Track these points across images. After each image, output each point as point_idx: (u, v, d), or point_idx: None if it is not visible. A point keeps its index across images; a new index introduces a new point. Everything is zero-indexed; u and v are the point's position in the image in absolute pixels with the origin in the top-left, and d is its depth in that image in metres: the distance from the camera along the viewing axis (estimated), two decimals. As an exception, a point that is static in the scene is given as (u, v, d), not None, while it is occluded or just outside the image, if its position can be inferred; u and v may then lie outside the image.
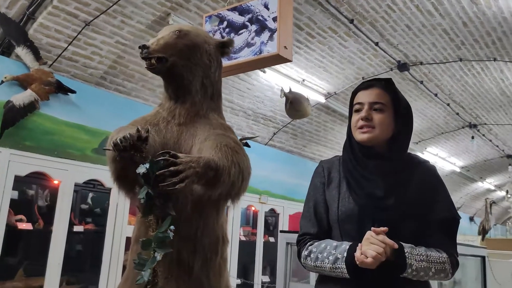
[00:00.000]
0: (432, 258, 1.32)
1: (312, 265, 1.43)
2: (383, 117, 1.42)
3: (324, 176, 1.54)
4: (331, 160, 1.61)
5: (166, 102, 1.96)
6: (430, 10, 4.13)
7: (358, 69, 5.48)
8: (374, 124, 1.41)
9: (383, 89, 1.46)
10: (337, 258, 1.34)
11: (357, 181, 1.43)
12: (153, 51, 1.83)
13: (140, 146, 1.58)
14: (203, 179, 1.61)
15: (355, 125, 1.45)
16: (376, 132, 1.41)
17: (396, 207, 1.35)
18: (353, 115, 1.48)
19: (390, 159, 1.43)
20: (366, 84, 1.50)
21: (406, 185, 1.40)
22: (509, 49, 4.66)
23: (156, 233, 1.61)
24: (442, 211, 1.39)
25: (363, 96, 1.47)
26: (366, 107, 1.43)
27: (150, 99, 4.78)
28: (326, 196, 1.50)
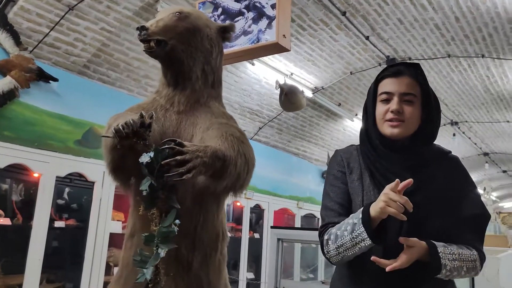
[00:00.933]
0: (464, 256, 1.26)
1: (334, 248, 1.32)
2: (413, 110, 1.34)
3: (344, 166, 1.45)
4: (348, 150, 1.52)
5: (164, 89, 1.85)
6: (424, 3, 4.08)
7: (347, 63, 5.42)
8: (405, 117, 1.33)
9: (413, 77, 1.36)
10: (354, 224, 1.26)
11: (382, 175, 1.35)
12: (152, 33, 1.71)
13: (144, 133, 1.47)
14: (210, 170, 1.51)
15: (382, 117, 1.36)
16: (406, 126, 1.34)
17: (424, 204, 1.28)
18: (379, 104, 1.39)
19: (415, 152, 1.36)
20: (395, 69, 1.38)
21: (433, 180, 1.34)
22: (498, 46, 4.67)
23: (160, 227, 1.50)
24: (472, 207, 1.34)
25: (392, 85, 1.36)
26: (397, 98, 1.34)
27: (135, 90, 4.61)
28: (349, 188, 1.41)
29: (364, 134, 1.47)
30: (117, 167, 1.64)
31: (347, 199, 1.41)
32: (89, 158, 3.98)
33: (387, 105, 1.35)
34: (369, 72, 5.70)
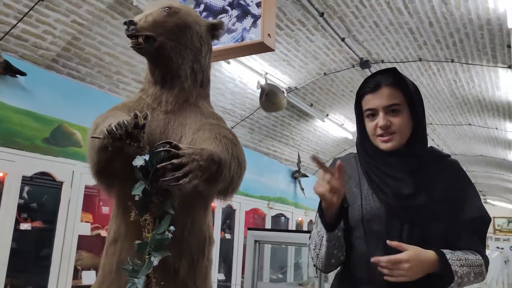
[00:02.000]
0: (470, 261, 1.25)
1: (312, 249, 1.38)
2: (401, 119, 1.32)
3: None
4: (347, 157, 1.52)
5: (150, 87, 1.78)
6: (400, 8, 4.14)
7: (321, 64, 5.44)
8: (395, 129, 1.31)
9: (392, 86, 1.32)
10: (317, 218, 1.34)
11: (381, 179, 1.33)
12: (141, 28, 1.63)
13: (138, 135, 1.39)
14: (205, 174, 1.45)
15: (373, 133, 1.35)
16: (398, 137, 1.32)
17: (426, 207, 1.28)
18: (366, 120, 1.37)
19: (414, 155, 1.35)
20: (373, 84, 1.34)
21: (433, 182, 1.32)
22: (468, 51, 4.80)
23: (153, 234, 1.43)
24: (473, 210, 1.33)
25: (373, 100, 1.33)
26: (382, 113, 1.31)
27: (106, 86, 4.44)
28: (346, 194, 1.37)
29: (358, 144, 1.46)
30: (103, 169, 1.56)
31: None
32: (58, 157, 3.80)
33: (375, 120, 1.34)
34: (342, 74, 5.75)
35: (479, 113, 7.01)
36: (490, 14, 3.87)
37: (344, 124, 7.51)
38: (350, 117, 7.34)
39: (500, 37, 4.23)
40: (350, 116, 7.32)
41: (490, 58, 4.82)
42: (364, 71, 5.66)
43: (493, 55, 4.73)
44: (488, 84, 5.61)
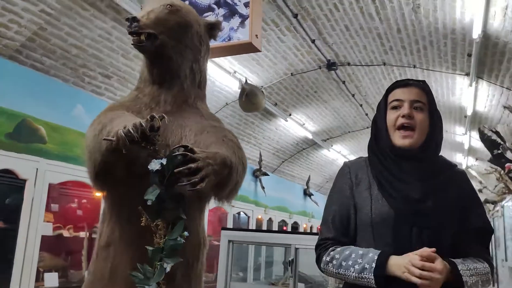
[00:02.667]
0: (479, 270, 1.29)
1: (335, 272, 1.35)
2: (423, 117, 1.38)
3: (351, 178, 1.46)
4: (357, 161, 1.53)
5: (147, 86, 1.73)
6: (372, 13, 4.25)
7: (290, 65, 5.49)
8: (415, 123, 1.36)
9: (421, 88, 1.41)
10: (364, 268, 1.28)
11: (391, 183, 1.36)
12: (144, 25, 1.59)
13: (153, 138, 1.34)
14: (218, 178, 1.43)
15: (394, 124, 1.39)
16: (416, 136, 1.37)
17: (435, 212, 1.31)
18: (390, 112, 1.42)
19: (425, 161, 1.38)
20: (404, 82, 1.44)
21: (443, 189, 1.35)
22: (430, 58, 5.01)
23: (166, 240, 1.39)
24: (478, 221, 1.38)
25: (402, 93, 1.40)
26: (407, 104, 1.38)
27: (71, 79, 4.24)
28: (356, 199, 1.42)
29: (373, 144, 1.48)
30: (106, 171, 1.50)
31: (352, 212, 1.41)
32: (21, 153, 3.60)
33: (398, 111, 1.39)
34: (308, 74, 5.83)
35: (433, 116, 7.34)
36: (456, 24, 4.06)
37: (305, 123, 7.62)
38: (312, 116, 7.47)
39: (462, 46, 4.46)
40: (311, 116, 7.44)
41: (450, 66, 5.06)
42: (330, 72, 5.78)
43: (453, 63, 4.97)
44: (444, 89, 5.89)
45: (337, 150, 9.64)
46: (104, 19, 3.90)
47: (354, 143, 9.59)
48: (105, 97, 4.62)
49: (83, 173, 4.13)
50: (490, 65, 4.54)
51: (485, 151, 6.62)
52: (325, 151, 9.36)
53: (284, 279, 4.46)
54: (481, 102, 5.69)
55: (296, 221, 9.64)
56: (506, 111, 5.24)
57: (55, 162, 3.90)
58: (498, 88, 4.99)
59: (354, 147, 9.87)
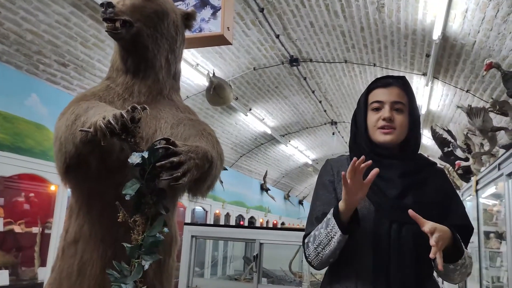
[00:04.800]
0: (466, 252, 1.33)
1: (313, 249, 1.37)
2: (403, 118, 1.40)
3: (333, 174, 1.47)
4: (339, 159, 1.55)
5: (120, 76, 1.66)
6: (337, 11, 4.29)
7: (252, 59, 5.45)
8: (396, 125, 1.39)
9: (401, 88, 1.42)
10: (328, 219, 1.32)
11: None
12: (120, 11, 1.52)
13: (134, 129, 1.28)
14: (199, 173, 1.39)
15: (375, 125, 1.41)
16: (397, 133, 1.39)
17: (414, 208, 1.31)
18: (370, 113, 1.43)
19: (404, 159, 1.41)
20: (384, 81, 1.44)
21: (422, 186, 1.39)
22: (390, 57, 5.14)
23: (145, 236, 1.34)
24: (458, 218, 1.41)
25: (383, 94, 1.41)
26: (388, 107, 1.39)
27: (24, 66, 4.01)
28: (338, 194, 1.42)
29: (352, 142, 1.50)
30: (78, 164, 1.41)
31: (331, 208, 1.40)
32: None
33: (379, 113, 1.40)
34: (271, 69, 5.83)
35: (388, 114, 7.56)
36: (417, 24, 4.18)
37: (265, 118, 7.63)
38: (271, 112, 7.48)
39: (422, 46, 4.59)
40: (271, 111, 7.46)
41: (408, 65, 5.21)
42: (292, 68, 5.81)
43: (411, 63, 5.12)
44: (401, 88, 6.05)
45: (295, 146, 9.73)
46: (62, 4, 3.70)
47: (311, 139, 9.73)
48: (61, 86, 4.40)
49: (37, 165, 3.94)
50: (446, 65, 4.71)
51: (435, 149, 6.89)
52: (282, 147, 9.43)
53: (246, 274, 4.45)
54: (435, 102, 5.91)
55: (253, 216, 9.67)
56: (459, 110, 5.46)
57: (7, 154, 3.67)
58: (452, 88, 5.19)
59: (311, 142, 10.01)
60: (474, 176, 4.57)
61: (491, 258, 4.56)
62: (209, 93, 4.13)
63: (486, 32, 3.67)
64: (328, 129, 8.97)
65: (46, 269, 4.06)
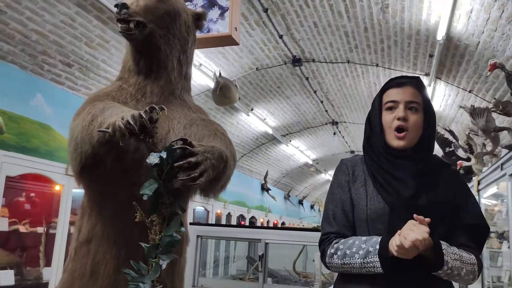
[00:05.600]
0: (464, 258, 1.32)
1: (340, 263, 1.36)
2: (417, 118, 1.40)
3: (349, 174, 1.47)
4: (354, 159, 1.55)
5: (132, 77, 1.67)
6: (341, 11, 4.30)
7: (255, 59, 5.47)
8: (410, 125, 1.39)
9: (415, 88, 1.42)
10: (368, 252, 1.29)
11: (386, 180, 1.39)
12: (134, 13, 1.53)
13: (152, 130, 1.29)
14: (215, 173, 1.40)
15: (390, 126, 1.40)
16: (411, 136, 1.39)
17: (427, 208, 1.32)
18: (385, 113, 1.43)
19: (418, 160, 1.41)
20: (398, 81, 1.44)
21: (436, 186, 1.39)
22: (393, 58, 5.16)
23: (162, 236, 1.34)
24: (473, 218, 1.40)
25: (397, 94, 1.42)
26: (402, 106, 1.39)
27: (29, 66, 4.01)
28: (352, 194, 1.43)
29: (366, 142, 1.50)
30: (94, 164, 1.42)
31: (351, 208, 1.43)
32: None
33: (393, 113, 1.40)
34: (273, 70, 5.84)
35: (389, 114, 7.58)
36: (421, 25, 4.19)
37: (266, 118, 7.65)
38: (273, 112, 7.50)
39: (425, 47, 4.61)
40: (272, 111, 7.47)
41: (411, 66, 5.23)
42: (295, 68, 5.82)
43: (414, 63, 5.13)
44: (403, 88, 6.07)
45: (295, 146, 9.75)
46: (68, 4, 3.71)
47: (312, 139, 9.74)
48: (65, 86, 4.40)
49: (42, 165, 3.95)
50: (450, 66, 4.73)
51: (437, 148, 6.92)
52: (283, 146, 9.44)
53: (249, 274, 4.46)
54: (437, 102, 5.92)
55: (254, 216, 9.68)
56: (461, 111, 5.48)
57: (13, 154, 3.68)
58: (454, 88, 5.21)
59: (312, 142, 10.03)
60: (476, 176, 4.60)
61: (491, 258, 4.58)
62: (216, 93, 4.14)
63: (491, 33, 3.69)
64: (329, 129, 8.99)
65: (51, 269, 4.07)
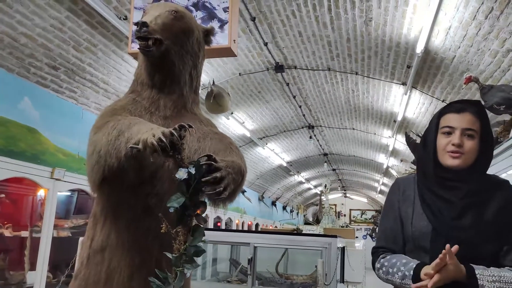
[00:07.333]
0: (505, 278, 1.32)
1: (384, 277, 1.48)
2: (473, 144, 1.43)
3: (400, 194, 1.57)
4: (408, 178, 1.63)
5: (145, 90, 1.75)
6: (326, 22, 4.46)
7: (239, 65, 5.56)
8: (465, 150, 1.42)
9: (474, 114, 1.45)
10: (405, 275, 1.39)
11: (432, 200, 1.46)
12: (153, 30, 1.62)
13: (180, 147, 1.38)
14: (235, 186, 1.50)
15: (444, 148, 1.45)
16: (466, 158, 1.42)
17: (472, 227, 1.37)
18: (440, 136, 1.48)
19: (470, 182, 1.44)
20: (458, 107, 1.47)
21: (484, 205, 1.42)
22: (372, 67, 5.36)
23: (188, 246, 1.43)
24: None
25: (454, 120, 1.45)
26: (458, 133, 1.43)
27: (16, 69, 3.97)
28: (401, 213, 1.53)
29: (419, 163, 1.60)
30: (115, 176, 1.49)
31: (399, 225, 1.53)
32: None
33: (449, 137, 1.44)
34: (256, 75, 5.95)
35: (364, 120, 7.83)
36: (401, 38, 4.40)
37: (245, 122, 7.75)
38: (252, 115, 7.61)
39: (404, 58, 4.82)
40: (251, 115, 7.58)
41: (389, 75, 5.45)
42: (277, 74, 5.95)
43: (392, 73, 5.35)
44: (380, 96, 6.31)
45: (271, 148, 9.89)
46: (59, 8, 3.70)
47: (288, 142, 9.91)
48: (50, 89, 4.38)
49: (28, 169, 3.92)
50: (425, 77, 4.96)
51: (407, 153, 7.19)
52: (259, 149, 9.57)
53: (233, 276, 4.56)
54: (411, 109, 6.18)
55: (230, 217, 9.76)
56: (434, 119, 5.73)
57: (0, 158, 3.64)
58: (429, 97, 5.46)
59: (287, 145, 10.20)
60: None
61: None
62: (209, 101, 4.21)
63: (466, 48, 3.92)
64: (305, 133, 9.18)
65: (35, 273, 4.04)
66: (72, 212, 4.95)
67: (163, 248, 1.47)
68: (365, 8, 4.07)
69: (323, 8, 4.22)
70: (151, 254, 1.59)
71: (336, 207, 20.41)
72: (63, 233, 4.57)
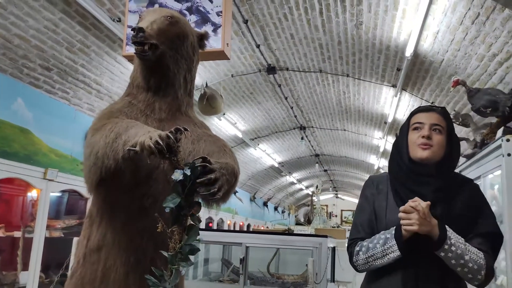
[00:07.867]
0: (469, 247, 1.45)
1: (364, 258, 1.56)
2: (441, 138, 1.59)
3: (374, 188, 1.69)
4: (380, 175, 1.76)
5: (141, 93, 1.80)
6: (318, 25, 4.52)
7: (231, 66, 5.61)
8: (433, 143, 1.57)
9: (441, 114, 1.63)
10: (387, 238, 1.51)
11: (405, 194, 1.57)
12: (149, 35, 1.67)
13: (176, 149, 1.44)
14: (228, 187, 1.56)
15: (415, 142, 1.60)
16: (434, 150, 1.57)
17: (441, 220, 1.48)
18: (411, 133, 1.63)
19: (439, 177, 1.57)
20: (426, 107, 1.67)
21: (451, 201, 1.55)
22: (363, 69, 5.44)
23: (183, 245, 1.49)
24: (487, 226, 1.54)
25: (424, 117, 1.63)
26: (427, 127, 1.59)
27: (9, 70, 3.99)
28: (375, 206, 1.63)
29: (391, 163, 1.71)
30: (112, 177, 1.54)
31: (372, 218, 1.63)
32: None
33: (419, 132, 1.60)
34: (248, 77, 6.00)
35: (355, 121, 7.91)
36: (391, 41, 4.48)
37: (237, 123, 7.80)
38: (244, 116, 7.66)
39: (394, 61, 4.91)
40: (243, 116, 7.63)
41: (379, 77, 5.53)
42: (269, 76, 6.01)
43: (382, 75, 5.43)
44: (371, 98, 6.40)
45: (263, 149, 9.94)
46: (53, 10, 3.73)
47: (279, 143, 9.97)
48: (43, 90, 4.39)
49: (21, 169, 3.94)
50: (415, 79, 5.04)
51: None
52: (251, 150, 9.62)
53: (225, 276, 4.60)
54: (402, 111, 6.27)
55: (221, 218, 9.80)
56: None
57: (-7, 158, 3.67)
58: (418, 99, 5.55)
59: (279, 146, 10.26)
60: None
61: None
62: (202, 103, 4.25)
63: (454, 52, 4.00)
64: (297, 134, 9.25)
65: (28, 273, 4.05)
66: (63, 213, 4.97)
67: (158, 248, 1.52)
68: (355, 12, 4.14)
69: (315, 12, 4.28)
70: (146, 254, 1.63)
71: (327, 207, 20.47)
72: (56, 234, 4.58)
